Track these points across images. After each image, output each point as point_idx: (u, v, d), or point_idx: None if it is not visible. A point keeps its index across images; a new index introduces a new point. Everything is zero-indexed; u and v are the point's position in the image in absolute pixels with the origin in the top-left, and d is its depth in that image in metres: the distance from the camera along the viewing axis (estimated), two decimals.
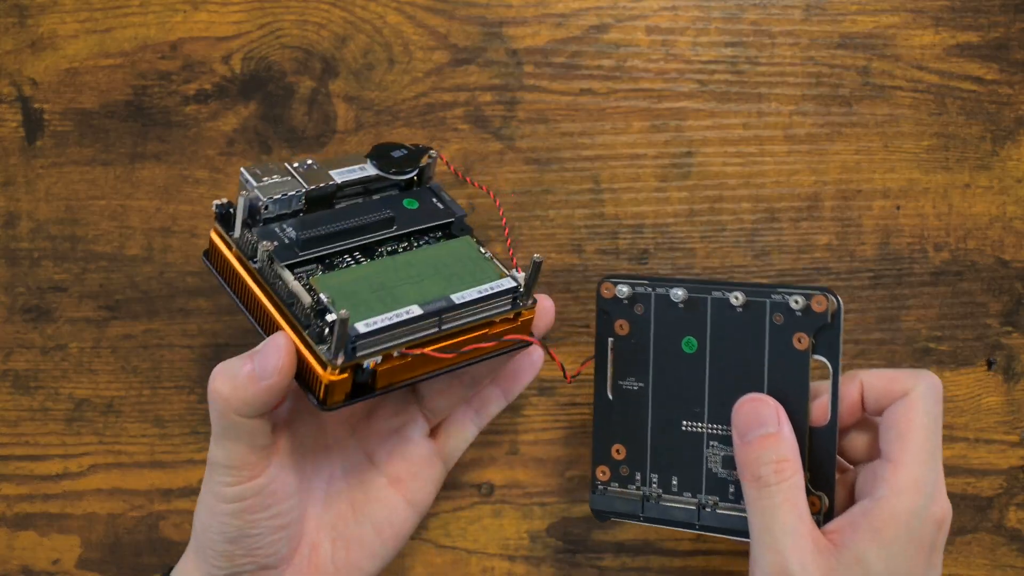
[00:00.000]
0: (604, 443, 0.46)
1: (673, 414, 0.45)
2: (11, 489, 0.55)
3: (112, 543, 0.55)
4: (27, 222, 0.54)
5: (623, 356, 0.46)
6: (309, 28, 0.54)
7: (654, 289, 0.45)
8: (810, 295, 0.43)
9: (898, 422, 0.41)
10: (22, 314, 0.54)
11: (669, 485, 0.45)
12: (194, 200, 0.54)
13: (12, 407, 0.54)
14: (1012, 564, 0.55)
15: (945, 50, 0.54)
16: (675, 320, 0.45)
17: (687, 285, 0.45)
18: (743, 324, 0.44)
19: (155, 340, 0.54)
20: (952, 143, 0.54)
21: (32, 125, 0.54)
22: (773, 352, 0.43)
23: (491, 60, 0.54)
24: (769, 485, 0.40)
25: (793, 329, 0.43)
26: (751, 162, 0.54)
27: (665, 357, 0.45)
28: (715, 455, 0.44)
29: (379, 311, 0.40)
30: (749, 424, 0.42)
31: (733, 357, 0.44)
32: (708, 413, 0.44)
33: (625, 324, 0.46)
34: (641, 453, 0.46)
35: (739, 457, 0.42)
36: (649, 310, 0.45)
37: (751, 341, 0.44)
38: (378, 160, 0.47)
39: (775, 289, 0.43)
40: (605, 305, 0.46)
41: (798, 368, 0.43)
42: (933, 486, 0.40)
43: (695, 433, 0.45)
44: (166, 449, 0.54)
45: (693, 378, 0.44)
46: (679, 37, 0.54)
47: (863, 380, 0.43)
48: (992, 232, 0.55)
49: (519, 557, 0.55)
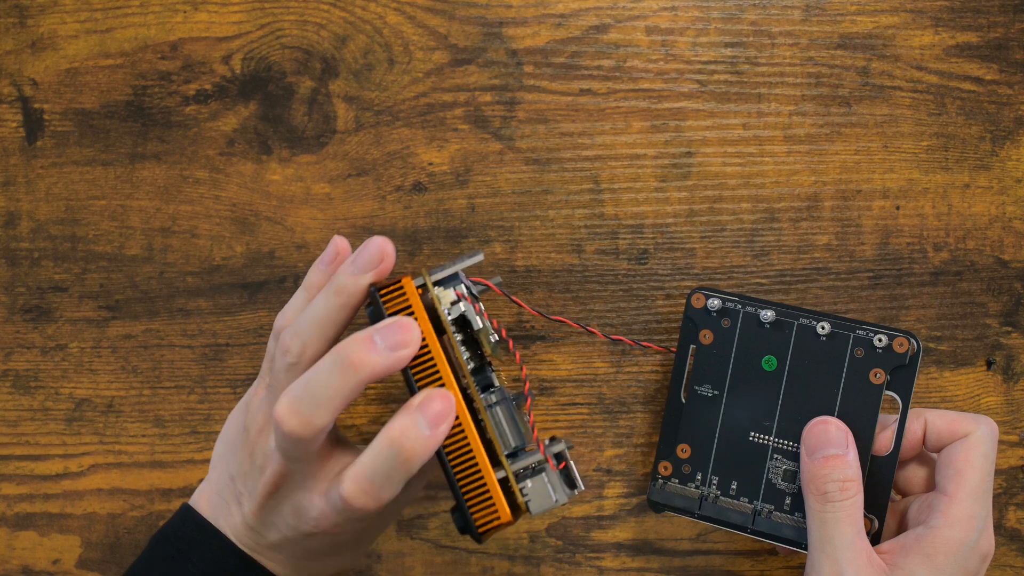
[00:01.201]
0: (670, 441, 0.49)
1: (743, 424, 0.48)
2: (11, 489, 0.55)
3: (112, 543, 0.55)
4: (27, 222, 0.54)
5: (703, 364, 0.49)
6: (309, 28, 0.54)
7: (744, 307, 0.48)
8: (893, 336, 0.46)
9: (956, 460, 0.44)
10: (22, 314, 0.54)
11: (728, 488, 0.48)
12: (194, 200, 0.54)
13: (12, 407, 0.54)
14: (1012, 564, 0.55)
15: (945, 50, 0.54)
16: (760, 338, 0.48)
17: (776, 308, 0.48)
18: (824, 352, 0.47)
19: (155, 340, 0.54)
20: (952, 143, 0.54)
21: (32, 125, 0.54)
22: (849, 382, 0.47)
23: (491, 60, 0.54)
24: (833, 501, 0.44)
25: (872, 364, 0.47)
26: (751, 162, 0.54)
27: (744, 371, 0.48)
28: (777, 467, 0.48)
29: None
30: (820, 443, 0.45)
31: (809, 380, 0.47)
32: (777, 428, 0.48)
33: (709, 334, 0.49)
34: (706, 455, 0.49)
35: (806, 472, 0.45)
36: (736, 325, 0.48)
37: (829, 368, 0.47)
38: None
39: (860, 325, 0.47)
40: (693, 314, 0.49)
41: (870, 400, 0.46)
42: (984, 522, 0.44)
43: (761, 444, 0.48)
44: (166, 449, 0.54)
45: (768, 394, 0.48)
46: (679, 37, 0.54)
47: (928, 419, 0.46)
48: (992, 232, 0.55)
49: (519, 557, 0.55)
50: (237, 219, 0.54)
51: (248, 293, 0.54)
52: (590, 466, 0.55)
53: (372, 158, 0.54)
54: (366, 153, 0.54)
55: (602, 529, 0.55)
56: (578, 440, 0.54)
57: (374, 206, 0.54)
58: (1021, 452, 0.55)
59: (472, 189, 0.54)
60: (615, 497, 0.55)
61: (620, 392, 0.54)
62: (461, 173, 0.54)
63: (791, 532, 0.47)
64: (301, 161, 0.54)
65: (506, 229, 0.54)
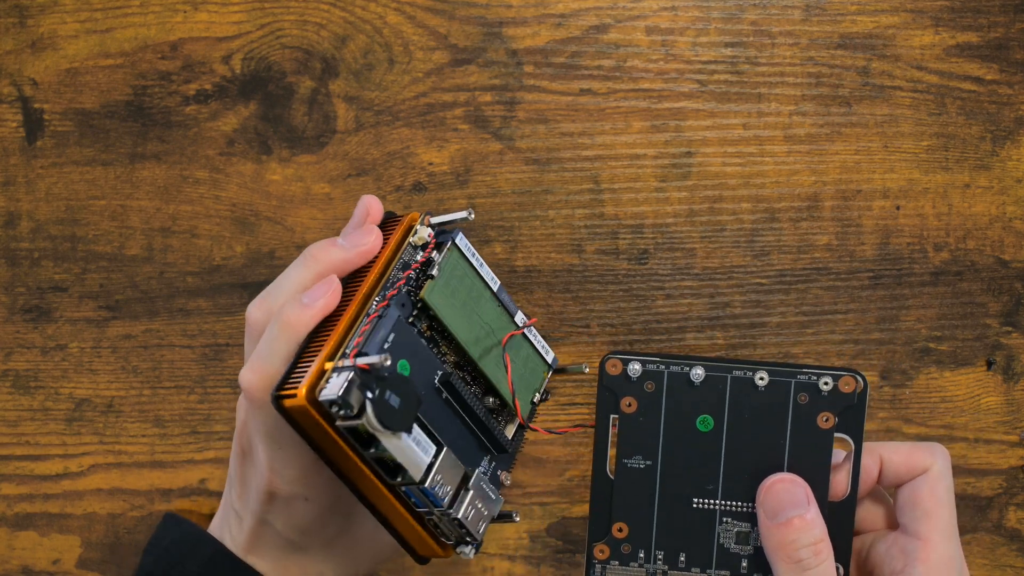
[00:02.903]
0: (603, 521, 0.45)
1: (683, 491, 0.44)
2: (11, 489, 0.55)
3: (112, 543, 0.55)
4: (27, 222, 0.54)
5: (629, 434, 0.44)
6: (309, 28, 0.54)
7: (668, 367, 0.44)
8: (838, 376, 0.43)
9: (923, 499, 0.42)
10: (22, 314, 0.54)
11: (676, 561, 0.45)
12: (194, 200, 0.54)
13: (12, 407, 0.54)
14: (1012, 564, 0.55)
15: (945, 50, 0.54)
16: (690, 398, 0.44)
17: (704, 363, 0.44)
18: (764, 403, 0.44)
19: (155, 340, 0.54)
20: (952, 143, 0.54)
21: (32, 125, 0.54)
22: (795, 430, 0.44)
23: (491, 60, 0.54)
24: (809, 568, 0.41)
25: (818, 408, 0.43)
26: (751, 162, 0.54)
27: (677, 435, 0.44)
28: (728, 531, 0.44)
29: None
30: (780, 504, 0.42)
31: (752, 435, 0.44)
32: (722, 490, 0.44)
33: (633, 402, 0.44)
34: (646, 530, 0.45)
35: (772, 538, 0.42)
36: (661, 388, 0.44)
37: (773, 419, 0.44)
38: (386, 422, 0.40)
39: (800, 369, 0.44)
40: (610, 383, 0.44)
41: (821, 446, 0.43)
42: (961, 562, 0.42)
43: (708, 510, 0.44)
44: (166, 449, 0.54)
45: (708, 456, 0.44)
46: (679, 37, 0.54)
47: (883, 455, 0.44)
48: (992, 232, 0.55)
49: (519, 557, 0.55)
50: (237, 219, 0.54)
51: (248, 293, 0.54)
52: (590, 466, 0.55)
53: (372, 158, 0.54)
54: (366, 153, 0.54)
55: None
56: (578, 440, 0.54)
57: None
58: (1021, 452, 0.55)
59: (472, 189, 0.54)
60: None
61: None
62: (461, 173, 0.54)
63: None
64: (301, 161, 0.54)
65: (506, 229, 0.54)
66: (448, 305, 0.42)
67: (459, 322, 0.42)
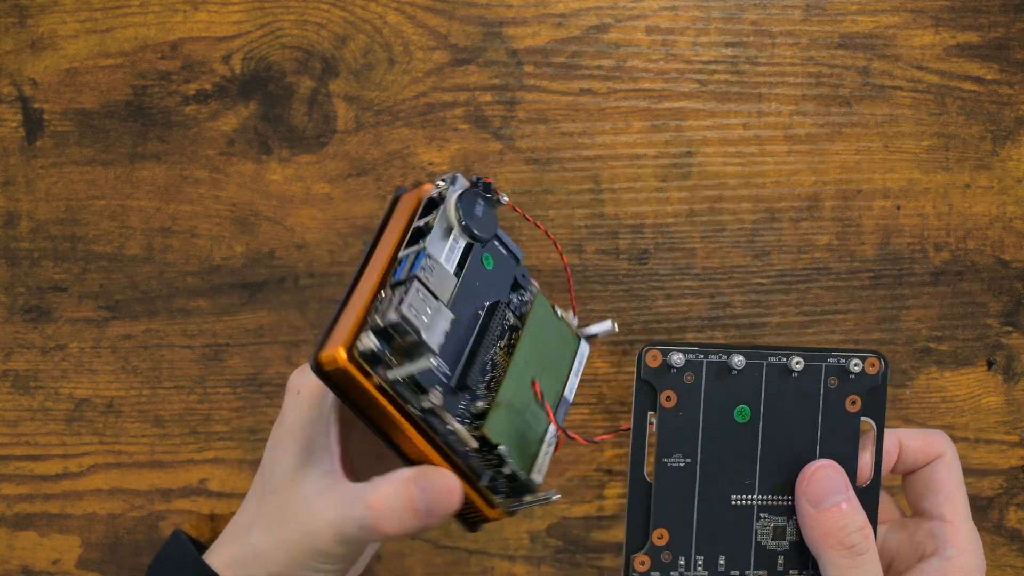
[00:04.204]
0: (642, 530, 0.42)
1: (723, 489, 0.42)
2: (11, 489, 0.55)
3: (112, 543, 0.55)
4: (27, 222, 0.54)
5: (668, 431, 0.42)
6: (309, 28, 0.54)
7: (707, 356, 0.42)
8: (865, 357, 0.43)
9: (943, 483, 0.43)
10: (22, 314, 0.54)
11: (716, 566, 0.43)
12: (194, 200, 0.54)
13: (12, 407, 0.54)
14: (1012, 564, 0.55)
15: (945, 50, 0.54)
16: (728, 388, 0.42)
17: (743, 352, 0.42)
18: (798, 389, 0.43)
19: (155, 340, 0.54)
20: (952, 143, 0.54)
21: (32, 125, 0.54)
22: (826, 416, 0.43)
23: (491, 60, 0.54)
24: (863, 553, 0.41)
25: (847, 392, 0.43)
26: (751, 162, 0.54)
27: (715, 428, 0.42)
28: (765, 527, 0.43)
29: (535, 446, 0.41)
30: (826, 492, 0.42)
31: (786, 423, 0.43)
32: (759, 484, 0.43)
33: (672, 395, 0.42)
34: (686, 535, 0.42)
35: (820, 527, 0.41)
36: (700, 379, 0.42)
37: (806, 406, 0.43)
38: (468, 222, 0.44)
39: (829, 352, 0.43)
40: (649, 375, 0.42)
41: (849, 431, 0.43)
42: (980, 542, 0.43)
43: (746, 506, 0.43)
44: (166, 449, 0.54)
45: (745, 449, 0.42)
46: (679, 37, 0.54)
47: (902, 440, 0.44)
48: (992, 232, 0.55)
49: (519, 557, 0.55)
50: (237, 219, 0.54)
51: (248, 293, 0.54)
52: (590, 466, 0.55)
53: (372, 158, 0.54)
54: (366, 153, 0.54)
55: (602, 529, 0.55)
56: None
57: (374, 206, 0.54)
58: (1021, 452, 0.55)
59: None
60: (615, 497, 0.55)
61: (620, 392, 0.54)
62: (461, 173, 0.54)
63: None
64: (301, 161, 0.54)
65: (506, 229, 0.54)
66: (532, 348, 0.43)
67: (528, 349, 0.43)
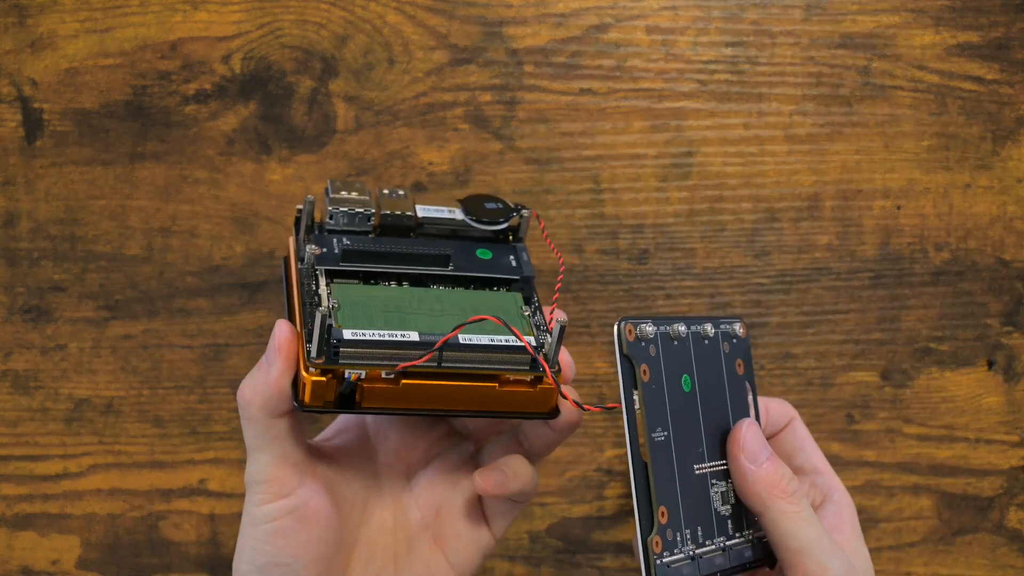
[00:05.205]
0: (649, 509, 0.40)
1: (689, 458, 0.42)
2: (11, 489, 0.55)
3: (112, 543, 0.55)
4: (27, 222, 0.54)
5: (651, 405, 0.41)
6: (309, 28, 0.54)
7: (659, 327, 0.41)
8: (735, 321, 0.44)
9: (807, 439, 0.47)
10: (22, 314, 0.54)
11: (697, 537, 0.41)
12: (194, 200, 0.54)
13: (12, 407, 0.54)
14: (1012, 564, 0.55)
15: (946, 50, 0.54)
16: (674, 358, 0.42)
17: (683, 321, 0.42)
18: (711, 355, 0.43)
19: (155, 340, 0.54)
20: (952, 143, 0.54)
21: (32, 125, 0.54)
22: (729, 380, 0.44)
23: (491, 60, 0.54)
24: (805, 496, 0.42)
25: (735, 355, 0.44)
26: (751, 162, 0.54)
27: (674, 399, 0.41)
28: (716, 493, 0.42)
29: (376, 327, 0.40)
30: (759, 447, 0.42)
31: (712, 390, 0.43)
32: (707, 451, 0.42)
33: (647, 369, 0.41)
34: (677, 510, 0.41)
35: (761, 482, 0.41)
36: (659, 350, 0.41)
37: (717, 371, 0.43)
38: (469, 207, 0.46)
39: (719, 320, 0.44)
40: (630, 350, 0.40)
41: (742, 393, 0.44)
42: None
43: (703, 475, 0.42)
44: (166, 449, 0.54)
45: (694, 417, 0.42)
46: (679, 37, 0.54)
47: (768, 407, 0.47)
48: (992, 232, 0.54)
49: (519, 557, 0.55)
50: (237, 219, 0.54)
51: (248, 293, 0.54)
52: (590, 466, 0.55)
53: (372, 158, 0.54)
54: (366, 153, 0.54)
55: (602, 529, 0.55)
56: (578, 440, 0.54)
57: None
58: (1021, 452, 0.55)
59: (472, 189, 0.54)
60: (615, 497, 0.55)
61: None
62: (461, 173, 0.54)
63: (750, 552, 0.42)
64: (301, 161, 0.54)
65: None
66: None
67: None
